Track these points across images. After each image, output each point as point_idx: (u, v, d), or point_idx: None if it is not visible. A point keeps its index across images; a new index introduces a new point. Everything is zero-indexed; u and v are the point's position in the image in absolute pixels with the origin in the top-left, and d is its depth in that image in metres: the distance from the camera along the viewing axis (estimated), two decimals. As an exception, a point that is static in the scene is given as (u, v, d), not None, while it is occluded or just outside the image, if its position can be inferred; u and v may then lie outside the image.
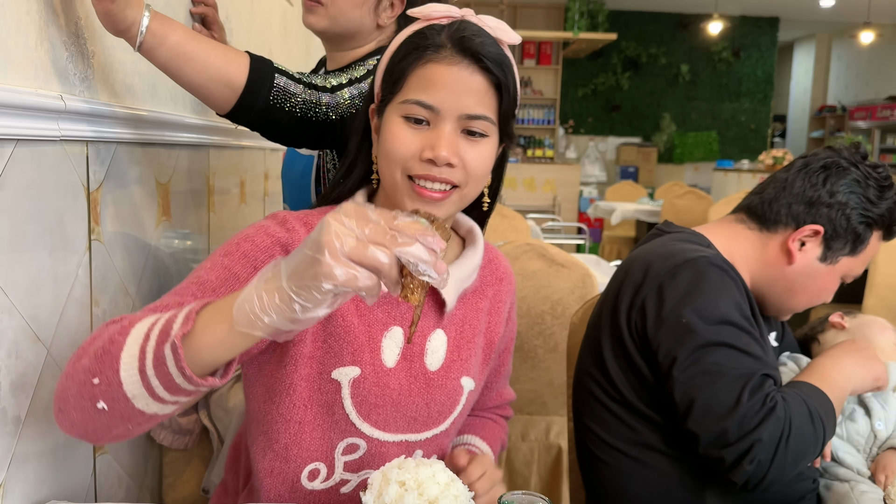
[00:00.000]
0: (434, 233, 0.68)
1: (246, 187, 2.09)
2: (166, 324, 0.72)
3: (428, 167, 0.91)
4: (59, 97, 0.94)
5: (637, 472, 1.20)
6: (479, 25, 0.93)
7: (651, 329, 1.13)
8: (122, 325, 0.76)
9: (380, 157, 0.96)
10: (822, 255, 1.22)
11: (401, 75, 0.93)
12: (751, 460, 1.04)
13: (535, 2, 9.53)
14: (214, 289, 0.87)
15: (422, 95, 0.91)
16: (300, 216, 0.97)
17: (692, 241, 1.23)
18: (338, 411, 0.96)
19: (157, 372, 0.71)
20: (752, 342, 1.11)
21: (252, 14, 2.14)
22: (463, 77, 0.91)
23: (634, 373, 1.18)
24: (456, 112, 0.91)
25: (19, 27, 0.88)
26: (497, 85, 0.93)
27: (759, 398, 1.05)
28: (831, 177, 1.21)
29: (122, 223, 1.19)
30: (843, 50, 11.47)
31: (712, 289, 1.12)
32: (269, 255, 0.91)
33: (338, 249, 0.63)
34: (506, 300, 1.13)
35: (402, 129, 0.92)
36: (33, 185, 0.92)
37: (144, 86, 1.29)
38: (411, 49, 0.93)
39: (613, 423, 1.22)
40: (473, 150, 0.93)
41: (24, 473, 0.92)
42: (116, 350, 0.72)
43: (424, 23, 0.95)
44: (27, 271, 0.91)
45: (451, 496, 0.81)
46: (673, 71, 10.07)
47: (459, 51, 0.91)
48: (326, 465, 0.97)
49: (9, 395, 0.87)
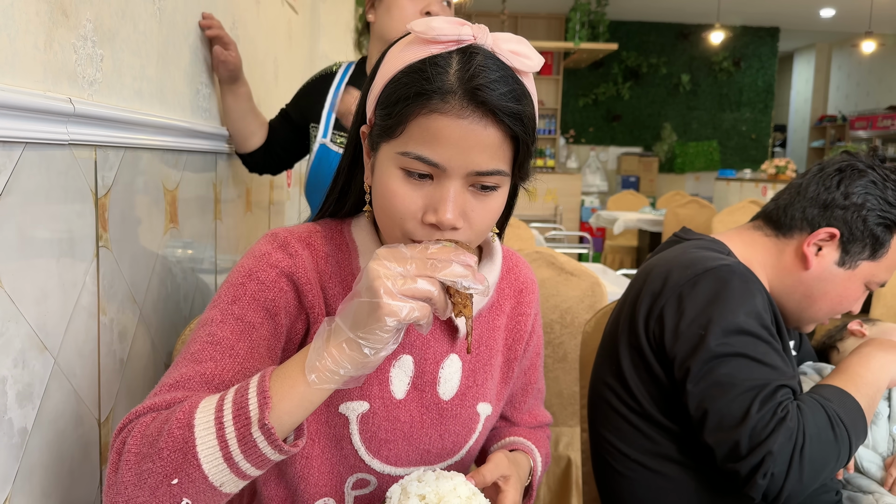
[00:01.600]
0: (464, 251, 0.75)
1: (252, 196, 2.07)
2: (238, 407, 0.73)
3: (430, 231, 0.80)
4: (67, 100, 0.92)
5: (656, 483, 1.17)
6: (494, 56, 0.79)
7: (669, 339, 1.11)
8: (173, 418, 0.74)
9: (376, 206, 0.85)
10: (840, 260, 1.19)
11: (400, 121, 0.78)
12: (763, 474, 1.00)
13: (536, 12, 9.55)
14: (232, 345, 0.83)
15: (425, 151, 0.77)
16: (302, 236, 0.92)
17: (712, 249, 1.21)
18: (346, 447, 0.91)
19: (246, 456, 0.73)
20: (771, 352, 1.07)
21: (258, 22, 2.13)
22: (474, 131, 0.76)
23: (654, 382, 1.16)
24: (464, 170, 0.78)
25: (28, 28, 0.86)
26: (514, 136, 0.79)
27: (769, 408, 1.02)
28: (846, 179, 1.19)
29: (130, 230, 1.17)
30: (844, 60, 11.49)
31: (733, 298, 1.09)
32: (277, 289, 0.87)
33: (391, 289, 0.69)
34: (528, 313, 1.04)
35: (401, 185, 0.80)
36: (41, 190, 0.90)
37: (153, 91, 1.27)
38: (412, 93, 0.77)
39: (632, 433, 1.19)
40: (482, 207, 0.81)
41: (31, 486, 0.89)
42: (189, 446, 0.72)
43: (426, 46, 0.79)
44: (34, 278, 0.88)
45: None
46: (674, 81, 10.08)
47: (471, 101, 0.76)
48: (336, 501, 0.93)
49: (15, 405, 0.85)
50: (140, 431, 0.75)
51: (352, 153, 0.93)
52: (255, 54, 2.10)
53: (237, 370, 0.83)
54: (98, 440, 1.08)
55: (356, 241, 0.93)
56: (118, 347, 1.14)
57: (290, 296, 0.88)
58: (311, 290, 0.88)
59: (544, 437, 1.11)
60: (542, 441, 1.09)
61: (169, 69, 1.35)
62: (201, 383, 0.81)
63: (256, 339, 0.85)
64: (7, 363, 0.83)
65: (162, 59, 1.31)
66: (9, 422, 0.83)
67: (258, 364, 0.84)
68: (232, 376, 0.82)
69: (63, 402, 0.96)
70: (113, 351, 1.12)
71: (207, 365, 0.82)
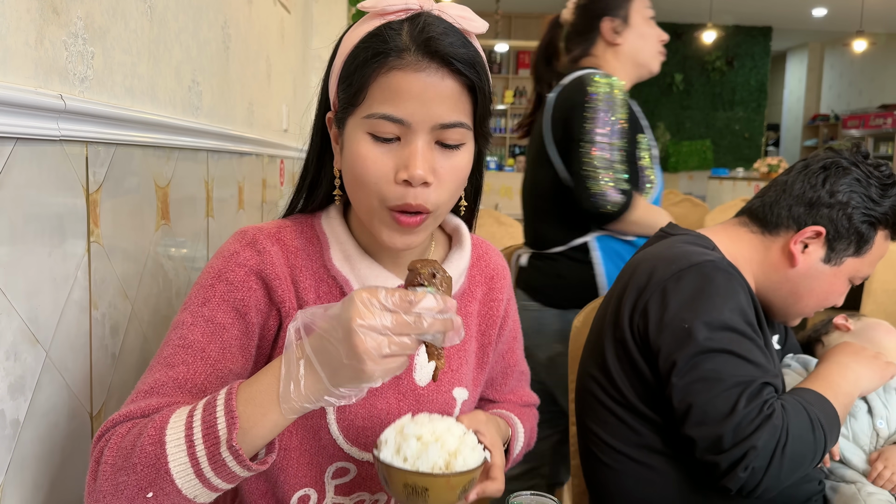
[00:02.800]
0: (445, 297, 0.74)
1: (244, 194, 2.08)
2: (206, 426, 0.74)
3: (403, 190, 0.82)
4: (58, 96, 0.93)
5: (641, 474, 1.19)
6: (441, 18, 0.83)
7: (653, 332, 1.12)
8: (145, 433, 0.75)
9: (348, 180, 0.87)
10: (826, 257, 1.21)
11: (361, 86, 0.82)
12: (745, 467, 1.03)
13: (530, 11, 9.58)
14: (203, 348, 0.85)
15: (388, 108, 0.80)
16: (271, 232, 0.92)
17: (697, 244, 1.22)
18: (324, 436, 0.93)
19: (216, 473, 0.75)
20: (755, 349, 1.09)
21: (250, 20, 2.14)
22: (432, 83, 0.80)
23: (637, 375, 1.17)
24: (428, 123, 0.81)
25: (19, 25, 0.87)
26: (470, 87, 0.83)
27: (755, 405, 1.04)
28: (831, 177, 1.21)
29: (121, 226, 1.18)
30: (836, 59, 11.54)
31: (717, 294, 1.11)
32: (246, 289, 0.88)
33: (375, 356, 0.69)
34: (500, 298, 1.06)
35: (370, 148, 0.82)
36: (33, 185, 0.91)
37: (144, 88, 1.28)
38: (370, 55, 0.81)
39: (616, 425, 1.21)
40: (449, 163, 0.84)
41: (23, 478, 0.90)
42: (161, 462, 0.74)
43: (379, 18, 0.84)
44: (26, 272, 0.89)
45: (468, 447, 0.81)
46: (667, 80, 10.12)
47: (425, 54, 0.80)
48: (317, 491, 0.95)
49: (7, 397, 0.86)
50: (116, 443, 0.77)
51: (318, 145, 0.95)
52: (247, 54, 2.11)
53: (209, 373, 0.85)
54: (90, 434, 1.09)
55: (326, 234, 0.94)
56: (110, 342, 1.15)
57: (260, 294, 0.89)
58: (280, 286, 0.89)
59: (530, 415, 1.13)
60: (527, 417, 1.12)
61: (160, 67, 1.36)
62: (174, 388, 0.83)
63: (228, 339, 0.86)
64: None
65: (153, 56, 1.33)
66: (1, 413, 0.85)
67: (231, 365, 0.86)
68: (204, 379, 0.84)
69: (55, 395, 0.98)
70: (105, 345, 1.13)
71: (180, 369, 0.84)
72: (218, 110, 1.78)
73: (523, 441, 1.07)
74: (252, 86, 2.20)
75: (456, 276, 0.99)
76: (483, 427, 0.91)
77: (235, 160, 1.96)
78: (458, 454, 0.80)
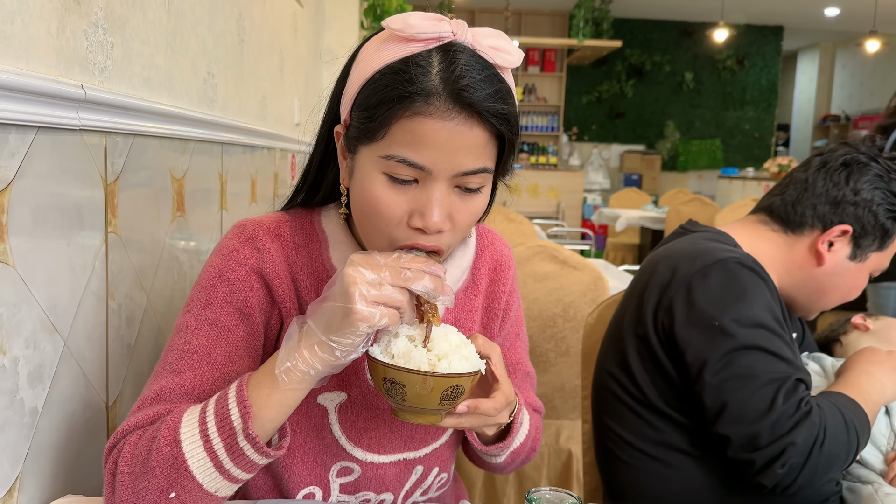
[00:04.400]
0: (434, 261, 0.78)
1: (257, 188, 2.08)
2: (220, 418, 0.75)
3: (415, 235, 0.79)
4: (79, 86, 0.93)
5: (659, 472, 1.18)
6: (475, 54, 0.76)
7: (680, 330, 1.11)
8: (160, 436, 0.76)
9: (357, 210, 0.83)
10: (852, 254, 1.21)
11: (382, 124, 0.76)
12: (782, 464, 1.02)
13: (540, 9, 9.55)
14: (209, 353, 0.84)
15: (410, 154, 0.75)
16: (270, 227, 0.90)
17: (719, 241, 1.21)
18: (327, 436, 0.92)
19: (236, 463, 0.76)
20: (784, 346, 1.09)
21: (264, 14, 2.14)
22: (460, 133, 0.75)
23: (660, 373, 1.16)
24: (450, 172, 0.76)
25: (42, 14, 0.87)
26: (499, 135, 0.78)
27: (793, 402, 1.04)
28: (853, 174, 1.20)
29: (138, 217, 1.18)
30: (848, 59, 11.47)
31: (745, 291, 1.10)
32: (248, 288, 0.87)
33: (365, 296, 0.71)
34: (503, 290, 1.03)
35: (385, 190, 0.78)
36: (53, 174, 0.91)
37: (161, 79, 1.28)
38: (395, 94, 0.74)
39: (636, 423, 1.20)
40: (466, 209, 0.80)
41: (41, 467, 0.90)
42: (179, 461, 0.74)
43: (404, 44, 0.76)
44: (46, 261, 0.90)
45: (461, 355, 0.78)
46: (677, 79, 10.08)
47: (456, 103, 0.74)
48: (322, 489, 0.94)
49: (26, 385, 0.86)
50: (129, 451, 0.77)
51: (322, 152, 0.92)
52: (261, 47, 2.10)
53: (216, 377, 0.84)
54: (106, 423, 1.09)
55: (326, 233, 0.92)
56: (126, 332, 1.15)
57: (262, 293, 0.88)
58: (280, 285, 0.88)
59: (536, 417, 1.08)
60: (532, 416, 1.06)
61: (177, 58, 1.36)
62: (182, 395, 0.83)
63: (233, 342, 0.86)
64: (19, 343, 0.84)
65: (170, 48, 1.32)
66: (20, 401, 0.85)
67: (238, 368, 0.86)
68: (212, 384, 0.84)
69: (72, 385, 0.98)
70: (121, 336, 1.13)
71: (186, 376, 0.83)
72: (232, 103, 1.78)
73: (527, 433, 1.00)
74: (265, 79, 2.20)
75: (459, 272, 0.97)
76: (496, 356, 0.86)
77: (248, 153, 1.96)
78: (444, 358, 0.77)
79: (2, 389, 0.81)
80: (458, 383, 0.77)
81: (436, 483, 1.02)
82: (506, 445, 0.95)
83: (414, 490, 1.00)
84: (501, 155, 0.81)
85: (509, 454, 0.98)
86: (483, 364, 0.81)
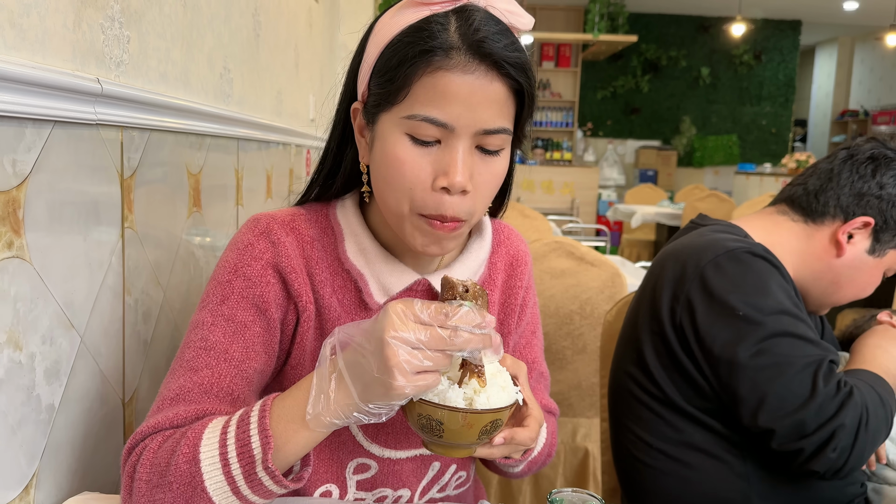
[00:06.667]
0: (482, 312, 0.71)
1: (272, 183, 2.07)
2: (241, 444, 0.74)
3: (439, 198, 0.78)
4: (95, 80, 0.92)
5: (679, 472, 1.17)
6: (488, 12, 0.78)
7: (703, 324, 1.10)
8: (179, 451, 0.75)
9: (378, 180, 0.83)
10: (871, 248, 1.20)
11: (403, 83, 0.76)
12: (833, 448, 1.02)
13: (555, 3, 9.50)
14: (226, 349, 0.83)
15: (433, 111, 0.75)
16: (285, 220, 0.89)
17: (728, 232, 1.20)
18: (343, 433, 0.91)
19: (254, 491, 0.74)
20: (808, 329, 1.08)
21: (279, 9, 2.13)
22: (481, 86, 0.75)
23: (678, 370, 1.15)
24: (473, 129, 0.77)
25: (58, 7, 0.87)
26: (518, 91, 0.79)
27: (832, 384, 1.03)
28: (880, 168, 1.18)
29: (154, 212, 1.18)
30: (867, 53, 11.33)
31: (761, 277, 1.09)
32: (264, 283, 0.85)
33: (406, 370, 0.67)
34: (519, 286, 1.01)
35: (408, 150, 0.78)
36: (69, 169, 0.90)
37: (177, 74, 1.27)
38: (415, 51, 0.75)
39: (655, 422, 1.18)
40: (488, 170, 0.80)
41: (57, 463, 0.90)
42: (197, 480, 0.74)
43: (420, 8, 0.78)
44: (62, 256, 0.89)
45: (496, 386, 0.75)
46: (693, 74, 10.00)
47: (476, 55, 0.75)
48: (338, 486, 0.93)
49: (43, 382, 0.85)
50: (149, 459, 0.76)
51: (339, 136, 0.91)
52: (276, 42, 2.10)
53: (234, 374, 0.83)
54: (122, 420, 1.08)
55: (341, 224, 0.91)
56: (142, 328, 1.14)
57: (278, 287, 0.87)
58: (296, 279, 0.87)
59: (551, 420, 1.05)
60: (549, 422, 1.04)
61: (193, 53, 1.36)
62: (201, 393, 0.82)
63: (250, 338, 0.85)
64: (36, 340, 0.83)
65: (186, 42, 1.32)
66: (37, 398, 0.84)
67: (255, 364, 0.85)
68: (230, 382, 0.83)
69: (89, 381, 0.97)
70: (137, 332, 1.12)
71: (204, 373, 0.82)
72: (248, 98, 1.78)
73: (544, 441, 1.00)
74: (281, 74, 2.19)
75: (476, 265, 0.96)
76: (523, 375, 0.86)
77: (264, 149, 1.96)
78: (482, 392, 0.74)
79: (19, 386, 0.81)
80: (497, 418, 0.74)
81: (454, 481, 1.00)
82: (524, 457, 0.95)
83: (431, 486, 0.98)
84: (520, 118, 0.82)
85: (527, 463, 0.98)
86: (519, 392, 0.79)
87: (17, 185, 0.79)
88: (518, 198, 7.72)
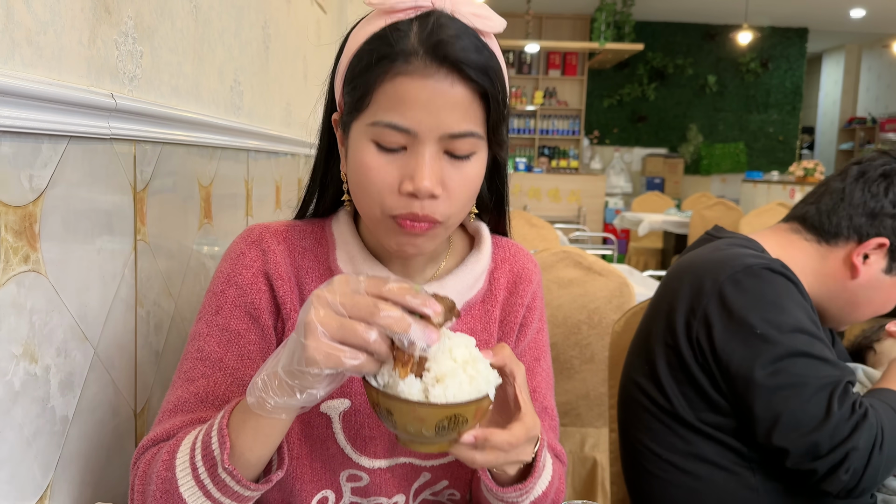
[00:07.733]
0: (424, 294, 0.65)
1: (281, 194, 2.08)
2: (205, 447, 0.74)
3: (409, 202, 0.77)
4: (109, 95, 0.94)
5: (689, 485, 1.17)
6: (454, 17, 0.76)
7: (721, 340, 1.09)
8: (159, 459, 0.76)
9: (352, 187, 0.83)
10: (888, 268, 1.19)
11: (366, 91, 0.76)
12: (846, 469, 1.02)
13: (562, 12, 9.53)
14: (221, 358, 0.84)
15: (393, 117, 0.75)
16: (279, 230, 0.90)
17: (746, 247, 1.19)
18: (332, 446, 0.90)
19: (223, 493, 0.74)
20: (825, 348, 1.08)
21: (288, 21, 2.15)
22: (441, 91, 0.74)
23: (691, 384, 1.14)
24: (436, 133, 0.75)
25: (74, 24, 0.88)
26: (483, 94, 0.77)
27: (847, 406, 1.03)
28: (893, 185, 1.17)
29: (166, 224, 1.19)
30: (874, 61, 11.31)
31: (779, 296, 1.08)
32: (255, 290, 0.86)
33: (319, 332, 0.63)
34: (521, 303, 0.96)
35: (374, 157, 0.77)
36: (84, 183, 0.91)
37: (189, 87, 1.29)
38: (374, 58, 0.75)
39: (665, 434, 1.18)
40: (459, 175, 0.78)
41: (71, 474, 0.91)
42: (173, 487, 0.74)
43: (386, 17, 0.78)
44: (76, 269, 0.90)
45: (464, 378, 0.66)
46: (700, 82, 10.00)
47: (434, 59, 0.74)
48: (334, 492, 0.93)
49: (58, 394, 0.86)
50: (142, 469, 0.79)
51: (325, 146, 0.92)
52: (285, 54, 2.11)
53: (230, 383, 0.84)
54: (134, 431, 1.09)
55: (335, 236, 0.92)
56: (154, 340, 1.15)
57: (268, 294, 0.88)
58: (283, 286, 0.87)
59: (559, 465, 0.94)
60: (556, 465, 0.92)
61: (204, 66, 1.37)
62: (197, 403, 0.83)
63: (244, 346, 0.85)
64: (51, 352, 0.84)
65: (197, 56, 1.33)
66: (51, 410, 0.85)
67: (250, 372, 0.85)
68: (225, 390, 0.83)
69: (101, 393, 0.98)
70: (149, 343, 1.13)
71: (200, 383, 0.83)
72: (258, 110, 1.79)
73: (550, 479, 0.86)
74: (289, 86, 2.20)
75: (472, 279, 0.93)
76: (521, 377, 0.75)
77: (273, 160, 1.97)
78: (441, 381, 0.65)
79: (34, 398, 0.81)
80: (455, 413, 0.65)
81: (446, 493, 0.98)
82: (526, 488, 0.81)
83: (423, 490, 0.96)
84: (489, 119, 0.79)
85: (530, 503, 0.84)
86: (493, 387, 0.69)
87: (33, 200, 0.80)
88: (525, 206, 7.73)
